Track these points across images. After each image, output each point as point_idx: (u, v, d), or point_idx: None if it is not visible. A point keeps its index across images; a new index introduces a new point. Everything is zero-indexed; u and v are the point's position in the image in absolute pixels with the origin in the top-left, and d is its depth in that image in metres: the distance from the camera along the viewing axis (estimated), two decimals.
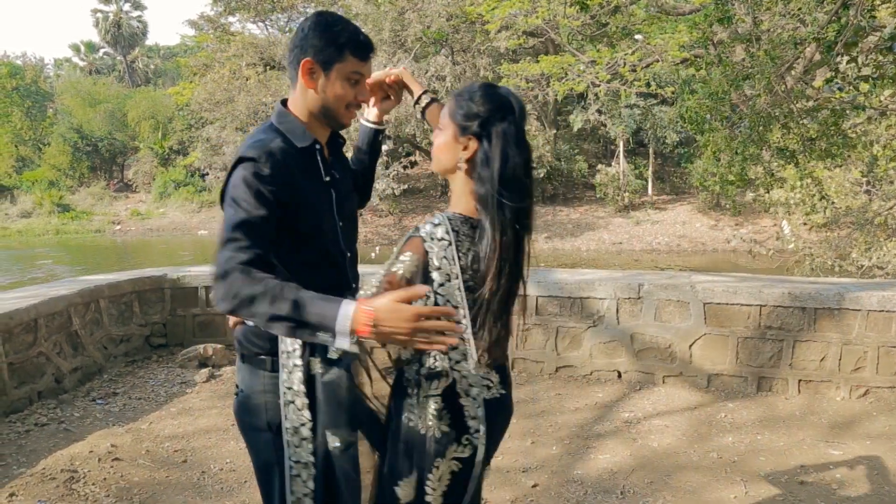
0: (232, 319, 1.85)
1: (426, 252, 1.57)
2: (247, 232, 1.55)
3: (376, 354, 1.73)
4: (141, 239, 28.20)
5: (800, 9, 5.35)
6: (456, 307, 1.59)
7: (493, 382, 1.71)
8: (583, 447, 3.71)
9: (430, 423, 1.61)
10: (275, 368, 1.74)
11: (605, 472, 3.41)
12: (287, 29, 31.53)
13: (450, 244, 1.58)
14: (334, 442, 1.64)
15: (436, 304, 1.57)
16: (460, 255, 1.59)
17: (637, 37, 15.69)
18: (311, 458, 1.68)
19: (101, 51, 53.60)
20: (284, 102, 1.81)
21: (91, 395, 4.65)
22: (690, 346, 4.56)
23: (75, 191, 35.90)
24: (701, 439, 3.77)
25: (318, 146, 1.78)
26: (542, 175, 22.88)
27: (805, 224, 11.34)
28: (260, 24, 32.06)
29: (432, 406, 1.61)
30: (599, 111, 20.64)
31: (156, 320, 5.65)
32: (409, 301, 1.41)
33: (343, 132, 1.93)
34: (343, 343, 1.42)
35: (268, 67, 26.89)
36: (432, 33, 20.79)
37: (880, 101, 6.76)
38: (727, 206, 20.25)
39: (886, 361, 4.17)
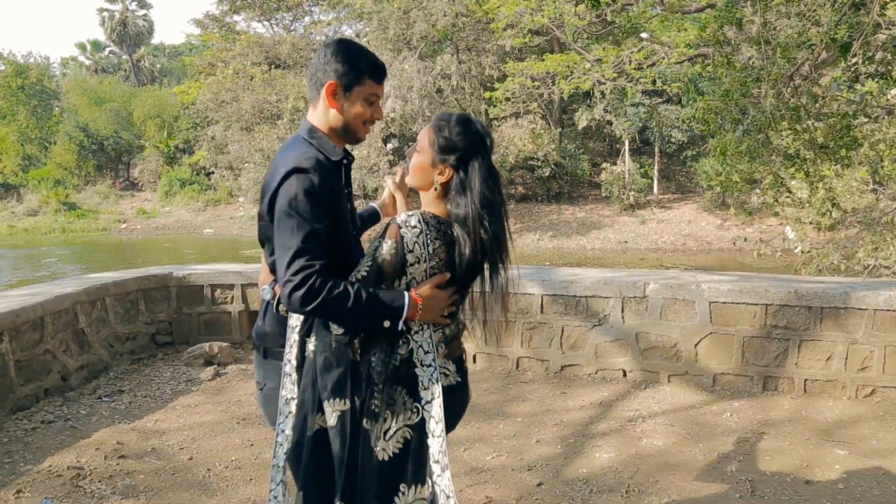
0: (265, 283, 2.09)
1: (402, 237, 1.83)
2: (314, 242, 1.79)
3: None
4: (147, 237, 28.26)
5: (813, 10, 5.33)
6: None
7: (449, 371, 1.97)
8: (587, 446, 3.71)
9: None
10: None
11: (610, 470, 3.41)
12: (292, 28, 31.58)
13: (420, 232, 1.84)
14: (331, 410, 1.82)
15: (409, 281, 1.86)
16: (429, 241, 1.85)
17: (643, 35, 15.66)
18: (290, 433, 1.89)
19: (107, 49, 53.70)
20: (308, 118, 2.03)
21: (97, 392, 4.66)
22: (696, 345, 4.55)
23: (81, 189, 36.00)
24: (706, 438, 3.76)
25: (345, 161, 2.01)
26: (546, 174, 22.86)
27: (811, 223, 11.31)
28: (265, 22, 32.13)
29: (394, 363, 1.86)
30: (605, 109, 20.59)
31: (161, 318, 5.67)
32: (439, 285, 1.86)
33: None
34: (402, 325, 1.82)
35: (272, 66, 26.92)
36: (437, 32, 20.78)
37: (887, 100, 6.73)
38: (733, 205, 20.25)
39: (893, 361, 4.16)
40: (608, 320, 4.74)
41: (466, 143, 1.89)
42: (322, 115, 1.98)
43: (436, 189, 1.92)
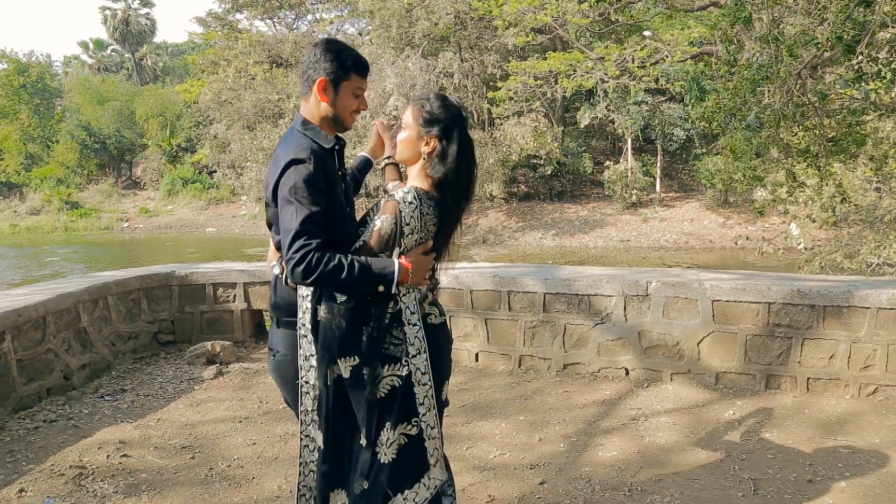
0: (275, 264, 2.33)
1: (400, 212, 2.10)
2: (312, 224, 2.05)
3: None
4: (149, 236, 28.30)
5: (821, 8, 5.30)
6: (411, 250, 2.17)
7: (435, 313, 2.28)
8: (590, 444, 3.70)
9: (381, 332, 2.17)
10: None
11: (613, 469, 3.41)
12: (294, 26, 31.57)
13: (416, 207, 2.12)
14: (344, 366, 2.12)
15: (402, 250, 2.13)
16: (421, 214, 2.12)
17: (646, 33, 15.64)
18: (315, 381, 2.20)
19: (110, 48, 53.76)
20: (299, 111, 2.30)
21: (99, 391, 4.67)
22: (698, 343, 4.54)
23: (84, 188, 36.06)
24: (709, 437, 3.76)
25: (337, 147, 2.27)
26: (549, 172, 22.84)
27: (814, 222, 11.28)
28: (268, 21, 32.12)
29: (385, 321, 2.15)
30: (608, 108, 20.57)
31: (164, 317, 5.67)
32: (425, 252, 2.16)
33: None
34: (394, 288, 2.09)
35: (274, 65, 26.91)
36: (440, 30, 20.77)
37: (891, 98, 6.71)
38: (739, 203, 20.21)
39: None
40: (610, 318, 4.73)
41: (447, 115, 2.17)
42: (314, 108, 2.24)
43: (424, 159, 2.18)
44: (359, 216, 2.39)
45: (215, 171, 29.60)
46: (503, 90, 18.95)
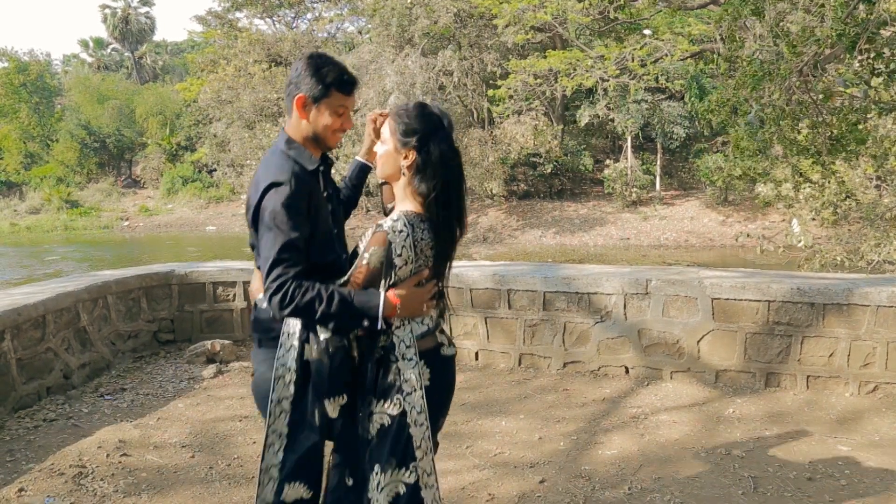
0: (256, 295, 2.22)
1: (389, 243, 1.95)
2: (291, 252, 1.95)
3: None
4: (149, 235, 28.30)
5: (819, 6, 5.29)
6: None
7: (447, 343, 2.15)
8: (590, 442, 3.70)
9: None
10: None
11: (613, 467, 3.41)
12: (294, 25, 31.57)
13: (407, 235, 1.96)
14: (333, 406, 2.03)
15: (395, 282, 1.98)
16: (414, 242, 1.97)
17: (646, 31, 15.63)
18: (286, 430, 2.04)
19: (110, 47, 53.71)
20: (284, 130, 2.17)
21: (99, 390, 4.67)
22: (698, 341, 4.54)
23: (83, 187, 36.05)
24: (709, 435, 3.76)
25: (322, 168, 2.15)
26: (549, 170, 22.83)
27: (814, 220, 11.27)
28: (267, 19, 32.10)
29: (376, 356, 2.02)
30: (607, 106, 20.56)
31: (163, 316, 5.67)
32: (418, 284, 2.01)
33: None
34: (382, 324, 1.95)
35: (273, 63, 26.90)
36: (440, 28, 20.75)
37: (891, 97, 6.70)
38: (739, 200, 20.21)
39: None
40: (610, 317, 4.73)
41: (425, 124, 2.01)
42: (296, 125, 2.13)
43: (403, 174, 2.03)
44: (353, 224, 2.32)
45: (215, 170, 29.59)
46: (503, 88, 18.94)
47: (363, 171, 2.56)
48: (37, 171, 36.37)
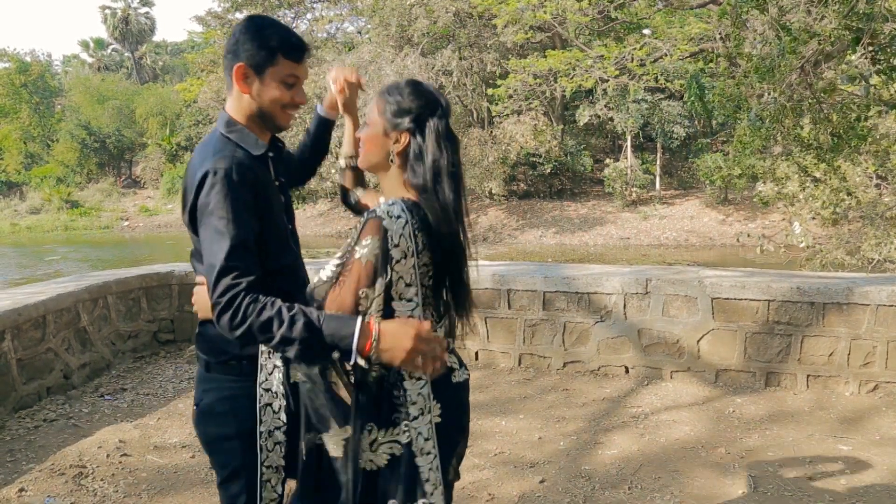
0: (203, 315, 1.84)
1: (385, 230, 1.57)
2: (241, 256, 1.58)
3: None
4: (149, 235, 28.30)
5: (822, 4, 5.30)
6: (409, 285, 1.62)
7: (457, 365, 1.80)
8: (590, 442, 3.70)
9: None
10: (244, 372, 1.76)
11: (613, 467, 3.41)
12: (294, 25, 31.55)
13: (406, 222, 1.59)
14: (335, 441, 1.65)
15: (391, 280, 1.59)
16: (416, 233, 1.60)
17: (645, 31, 15.62)
18: (282, 463, 1.75)
19: (110, 47, 53.75)
20: (225, 109, 1.81)
21: (99, 390, 4.67)
22: (698, 341, 4.54)
23: (84, 187, 36.08)
24: (709, 434, 3.76)
25: (271, 154, 1.80)
26: (548, 170, 22.83)
27: (814, 219, 11.27)
28: None
29: (376, 378, 1.66)
30: (607, 106, 20.56)
31: (163, 316, 5.67)
32: (420, 330, 1.51)
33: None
34: (357, 359, 1.49)
35: None
36: (439, 28, 20.75)
37: (891, 95, 6.70)
38: (735, 200, 20.21)
39: None
40: (610, 316, 4.73)
41: (420, 103, 1.69)
42: (237, 102, 1.76)
43: (391, 161, 1.70)
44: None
45: None
46: (502, 88, 18.94)
47: (324, 126, 2.17)
48: (37, 172, 36.40)
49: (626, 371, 4.74)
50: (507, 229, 22.25)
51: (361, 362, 1.50)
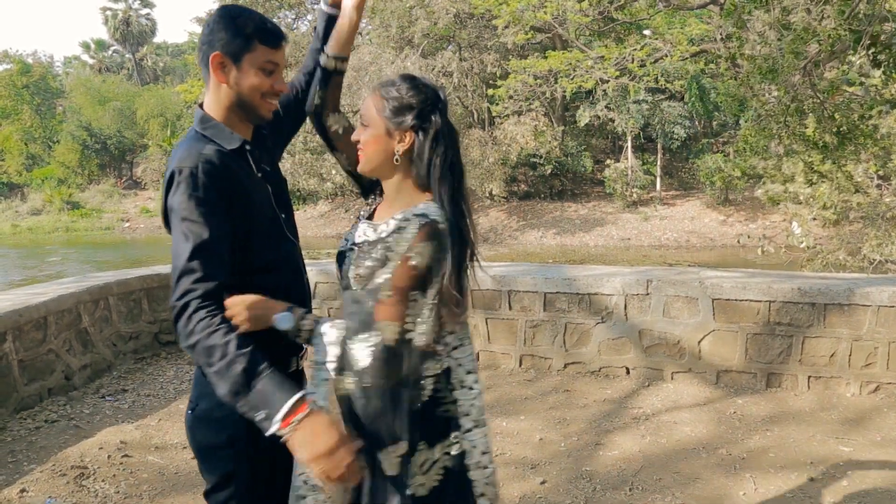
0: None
1: (441, 235, 1.52)
2: (202, 259, 1.53)
3: None
4: (150, 236, 28.30)
5: (821, 4, 5.31)
6: (462, 289, 1.58)
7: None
8: (591, 443, 3.70)
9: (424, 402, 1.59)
10: None
11: (614, 468, 3.40)
12: (294, 26, 31.59)
13: (447, 233, 1.55)
14: (391, 459, 1.57)
15: (440, 289, 1.53)
16: (452, 242, 1.56)
17: (645, 32, 15.63)
18: (320, 482, 1.62)
19: (111, 49, 53.83)
20: (202, 106, 1.75)
21: (100, 391, 4.67)
22: (699, 341, 4.54)
23: (85, 188, 36.13)
24: (710, 435, 3.75)
25: (247, 146, 1.73)
26: (549, 171, 22.84)
27: (815, 219, 11.28)
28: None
29: (428, 389, 1.58)
30: (608, 107, 20.57)
31: (165, 317, 5.67)
32: (340, 443, 1.41)
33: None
34: (273, 429, 1.43)
35: None
36: (440, 29, 20.77)
37: (892, 94, 6.70)
38: (736, 201, 20.21)
39: None
40: (611, 317, 4.73)
41: (421, 98, 1.61)
42: (214, 95, 1.71)
43: (397, 161, 1.61)
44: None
45: None
46: (503, 89, 18.95)
47: (332, 23, 1.97)
48: (38, 173, 36.45)
49: (627, 372, 4.74)
50: (507, 230, 22.26)
51: (272, 431, 1.42)
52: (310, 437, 1.41)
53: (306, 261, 1.94)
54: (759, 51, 5.85)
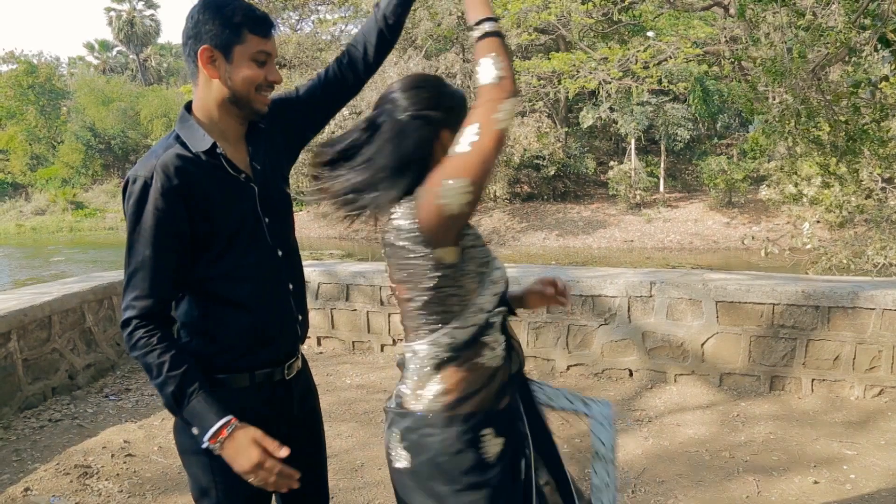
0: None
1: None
2: (144, 275, 1.52)
3: None
4: None
5: (826, 6, 5.30)
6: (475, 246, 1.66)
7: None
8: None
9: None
10: (227, 384, 1.64)
11: (617, 470, 3.39)
12: (298, 27, 31.66)
13: None
14: (493, 444, 1.61)
15: (465, 238, 1.59)
16: None
17: (649, 33, 15.62)
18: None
19: (115, 49, 53.96)
20: (189, 106, 1.66)
21: (104, 391, 4.68)
22: (703, 344, 4.53)
23: (88, 188, 36.21)
24: (713, 438, 3.75)
25: (218, 148, 1.61)
26: (552, 173, 22.83)
27: (818, 222, 11.27)
28: None
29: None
30: (611, 108, 20.55)
31: None
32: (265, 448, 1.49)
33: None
34: (204, 445, 1.50)
35: (277, 66, 26.95)
36: (443, 31, 20.77)
37: None
38: (740, 203, 20.18)
39: None
40: (614, 319, 4.73)
41: (434, 91, 1.56)
42: (205, 92, 1.61)
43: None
44: None
45: None
46: None
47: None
48: (42, 173, 36.54)
49: (631, 374, 4.73)
50: (510, 232, 22.25)
51: (204, 446, 1.50)
52: (234, 454, 1.49)
53: (308, 262, 1.91)
54: (766, 52, 5.85)
